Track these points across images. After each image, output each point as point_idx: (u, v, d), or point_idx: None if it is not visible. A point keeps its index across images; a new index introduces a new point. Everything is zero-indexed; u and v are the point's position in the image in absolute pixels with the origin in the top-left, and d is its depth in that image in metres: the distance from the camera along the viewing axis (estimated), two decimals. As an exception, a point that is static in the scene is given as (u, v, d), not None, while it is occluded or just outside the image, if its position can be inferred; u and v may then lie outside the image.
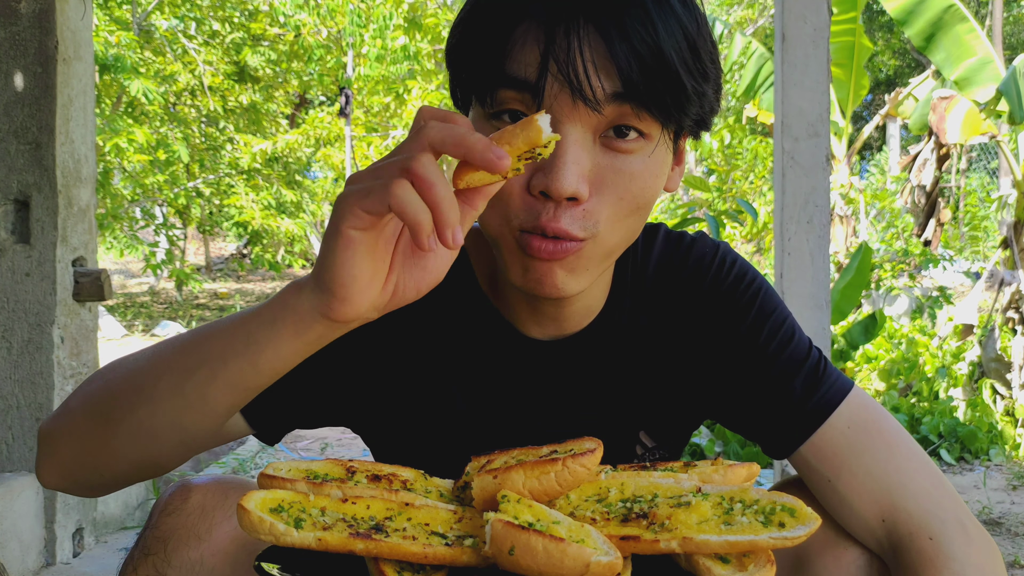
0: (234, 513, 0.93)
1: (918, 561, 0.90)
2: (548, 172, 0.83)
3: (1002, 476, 4.05)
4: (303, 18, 11.13)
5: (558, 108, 0.83)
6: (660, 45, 0.81)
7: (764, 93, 7.53)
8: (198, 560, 0.93)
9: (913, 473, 0.95)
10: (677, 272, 1.06)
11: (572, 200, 0.84)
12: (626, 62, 0.81)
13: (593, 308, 1.04)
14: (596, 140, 0.85)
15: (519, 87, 0.83)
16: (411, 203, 0.67)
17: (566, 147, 0.83)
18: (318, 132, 12.95)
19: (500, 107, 0.85)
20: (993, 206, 9.09)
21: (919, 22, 6.23)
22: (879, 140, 17.07)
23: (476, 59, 0.87)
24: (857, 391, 1.00)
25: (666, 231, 1.09)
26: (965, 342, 5.81)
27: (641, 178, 0.87)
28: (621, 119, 0.84)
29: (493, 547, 0.69)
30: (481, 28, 0.86)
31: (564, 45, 0.81)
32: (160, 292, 14.28)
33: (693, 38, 0.84)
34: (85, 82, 2.92)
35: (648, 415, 1.08)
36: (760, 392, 1.00)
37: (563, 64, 0.81)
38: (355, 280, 0.72)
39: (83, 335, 2.92)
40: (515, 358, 1.04)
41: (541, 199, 0.85)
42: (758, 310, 1.02)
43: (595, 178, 0.85)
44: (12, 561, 2.64)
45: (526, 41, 0.83)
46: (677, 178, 0.98)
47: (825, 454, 0.97)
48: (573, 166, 0.83)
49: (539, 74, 0.82)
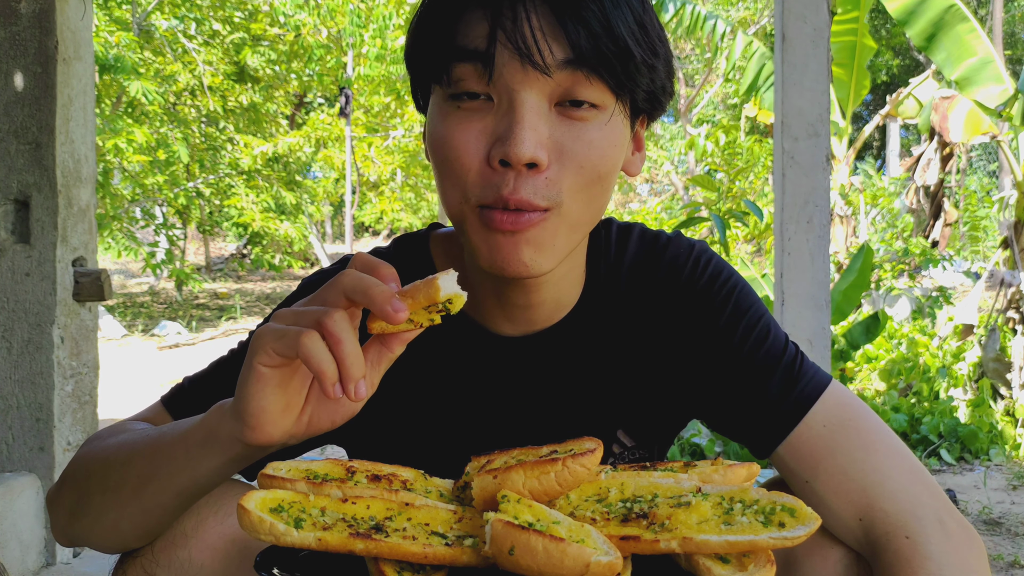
0: (221, 511, 0.95)
1: (895, 561, 0.89)
2: (505, 140, 0.84)
3: (1002, 476, 4.05)
4: (303, 18, 11.14)
5: (510, 76, 0.84)
6: (607, 16, 0.84)
7: (764, 93, 7.53)
8: (186, 558, 0.94)
9: (890, 471, 0.94)
10: (652, 271, 1.05)
11: (532, 168, 0.85)
12: (574, 30, 0.83)
13: (564, 303, 1.03)
14: (551, 108, 0.86)
15: (470, 57, 0.85)
16: (316, 354, 0.71)
17: (523, 113, 0.84)
18: (318, 133, 12.97)
19: (457, 87, 0.87)
20: (995, 208, 9.09)
21: (920, 22, 6.23)
22: (879, 140, 17.08)
23: (429, 40, 0.89)
24: (835, 387, 0.99)
25: (641, 230, 1.09)
26: (965, 342, 5.81)
27: (599, 147, 0.88)
28: (574, 86, 0.85)
29: (493, 547, 0.69)
30: (433, 13, 0.89)
31: (511, 15, 0.83)
32: (160, 292, 14.28)
33: (640, 15, 0.86)
34: (85, 82, 2.92)
35: (625, 414, 1.07)
36: (736, 391, 1.00)
37: (511, 32, 0.83)
38: (264, 411, 0.76)
39: (83, 335, 2.92)
40: (485, 356, 1.04)
41: (500, 171, 0.86)
42: (733, 308, 1.02)
43: (554, 146, 0.86)
44: (12, 561, 2.64)
45: (474, 17, 0.85)
46: (639, 164, 0.99)
47: (801, 454, 0.96)
48: (530, 131, 0.84)
49: (488, 43, 0.84)
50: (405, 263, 1.02)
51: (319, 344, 0.71)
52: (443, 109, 0.89)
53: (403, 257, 1.08)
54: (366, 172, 14.94)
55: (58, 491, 0.99)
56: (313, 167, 14.94)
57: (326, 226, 21.52)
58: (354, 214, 15.43)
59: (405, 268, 1.06)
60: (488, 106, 0.86)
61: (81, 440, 2.90)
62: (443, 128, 0.88)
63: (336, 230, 22.86)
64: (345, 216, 14.38)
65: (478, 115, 0.86)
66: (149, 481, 0.88)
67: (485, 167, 0.87)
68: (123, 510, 0.91)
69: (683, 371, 1.04)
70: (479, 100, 0.86)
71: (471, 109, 0.87)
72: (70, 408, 2.86)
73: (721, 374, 1.01)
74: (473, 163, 0.87)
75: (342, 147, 13.12)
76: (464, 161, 0.87)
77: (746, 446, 1.02)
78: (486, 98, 0.86)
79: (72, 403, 2.87)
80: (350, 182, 13.53)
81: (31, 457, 2.79)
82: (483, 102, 0.86)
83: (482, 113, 0.86)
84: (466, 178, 0.87)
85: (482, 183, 0.87)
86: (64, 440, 2.83)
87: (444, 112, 0.89)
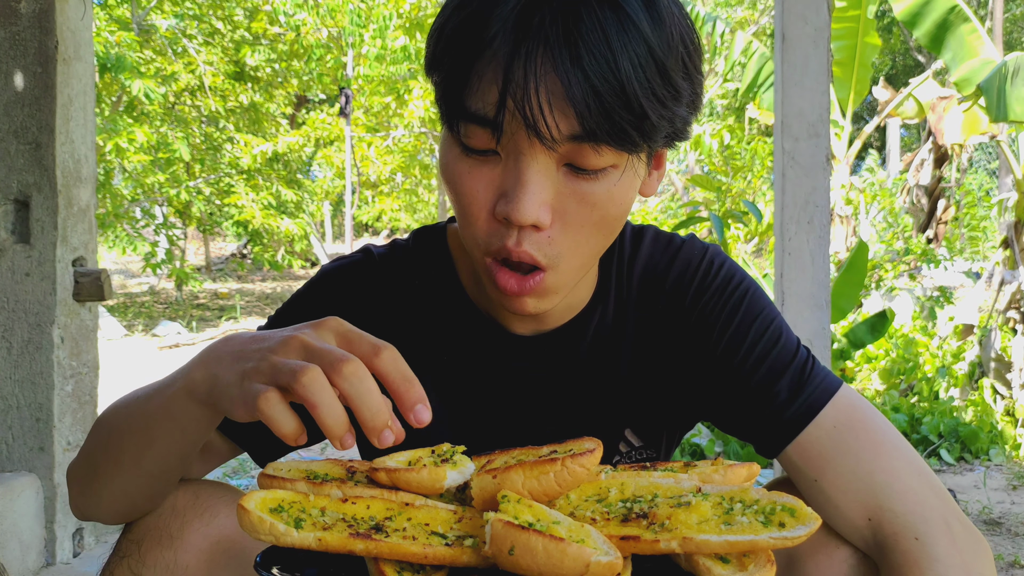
0: (207, 513, 0.96)
1: (903, 562, 0.90)
2: (509, 200, 0.84)
3: (1002, 476, 4.05)
4: (303, 18, 11.14)
5: (518, 141, 0.83)
6: (621, 80, 0.79)
7: (764, 93, 7.53)
8: (172, 559, 0.94)
9: (899, 473, 0.94)
10: (664, 274, 1.06)
11: (534, 227, 0.85)
12: (583, 103, 0.79)
13: (575, 306, 1.04)
14: (559, 168, 0.85)
15: (479, 122, 0.83)
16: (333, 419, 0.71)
17: (528, 177, 0.83)
18: (318, 132, 12.96)
19: (467, 140, 0.86)
20: (994, 210, 9.09)
21: (926, 24, 6.23)
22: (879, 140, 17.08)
23: (441, 91, 0.88)
24: (845, 391, 0.99)
25: (655, 233, 1.09)
26: (965, 342, 5.81)
27: (604, 205, 0.87)
28: (582, 153, 0.83)
29: (493, 547, 0.69)
30: (445, 58, 0.86)
31: (521, 83, 0.79)
32: (160, 292, 14.28)
33: (662, 59, 0.81)
34: (85, 82, 2.92)
35: (634, 413, 1.08)
36: (745, 394, 1.00)
37: (520, 103, 0.80)
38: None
39: (83, 335, 2.92)
40: (497, 352, 1.05)
41: (504, 223, 0.86)
42: (745, 311, 1.02)
43: (558, 205, 0.86)
44: (12, 561, 2.64)
45: (484, 75, 0.82)
46: (655, 183, 0.97)
47: (810, 454, 0.96)
48: (533, 196, 0.83)
49: (497, 111, 0.82)
50: (425, 257, 1.08)
51: (335, 410, 0.70)
52: (454, 150, 0.88)
53: (423, 252, 1.10)
54: (366, 172, 14.94)
55: (74, 465, 1.01)
56: (313, 167, 14.93)
57: (326, 226, 21.52)
58: (354, 214, 15.44)
59: (425, 262, 1.09)
60: (496, 159, 0.86)
61: (81, 440, 2.90)
62: (454, 172, 0.88)
63: (336, 230, 22.86)
64: (345, 216, 14.38)
65: (487, 167, 0.86)
66: (147, 448, 0.90)
67: (491, 218, 0.87)
68: (128, 476, 0.93)
69: (693, 373, 1.04)
70: (488, 155, 0.86)
71: (481, 160, 0.86)
72: (70, 408, 2.86)
73: (731, 377, 1.01)
74: (481, 213, 0.87)
75: (342, 147, 13.12)
76: (473, 210, 0.88)
77: (753, 446, 1.03)
78: (494, 152, 0.86)
79: (72, 403, 2.87)
80: (350, 182, 13.53)
81: (31, 457, 2.79)
82: (491, 155, 0.86)
83: (491, 165, 0.86)
84: (475, 224, 0.88)
85: (488, 231, 0.88)
86: (64, 440, 2.83)
87: (455, 154, 0.88)
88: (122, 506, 0.96)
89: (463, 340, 1.05)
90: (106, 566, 0.98)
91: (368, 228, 22.06)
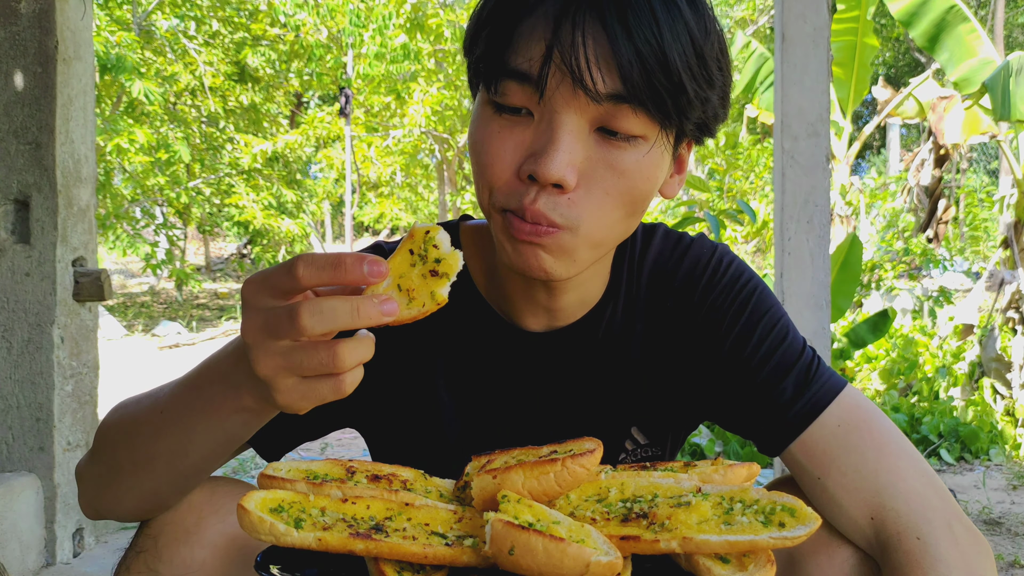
0: (222, 509, 0.96)
1: (905, 562, 0.90)
2: (538, 157, 0.85)
3: (1002, 476, 4.05)
4: (303, 18, 11.13)
5: (555, 100, 0.84)
6: (664, 48, 0.82)
7: (764, 93, 7.54)
8: (188, 555, 0.95)
9: (903, 473, 0.95)
10: (673, 272, 1.07)
11: (557, 187, 0.86)
12: (628, 62, 0.82)
13: (588, 302, 1.05)
14: (591, 132, 0.86)
15: (521, 79, 0.85)
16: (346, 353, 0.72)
17: (561, 135, 0.84)
18: (318, 132, 12.96)
19: (503, 99, 0.87)
20: (995, 208, 9.09)
21: (923, 23, 6.23)
22: (879, 140, 17.07)
23: (483, 50, 0.89)
24: (850, 391, 1.00)
25: (665, 231, 1.10)
26: (965, 342, 5.81)
27: (631, 176, 0.88)
28: (617, 116, 0.85)
29: (493, 547, 0.69)
30: (490, 20, 0.88)
31: (569, 39, 0.82)
32: (160, 292, 14.28)
33: (700, 44, 0.84)
34: (85, 82, 2.92)
35: (640, 411, 1.09)
36: (751, 391, 1.01)
37: (566, 55, 0.82)
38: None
39: (83, 335, 2.92)
40: (508, 350, 1.05)
41: (527, 182, 0.87)
42: (752, 310, 1.03)
43: (585, 169, 0.87)
44: (12, 561, 2.64)
45: (532, 35, 0.85)
46: (676, 186, 0.98)
47: (814, 453, 0.97)
48: (565, 154, 0.84)
49: (542, 64, 0.83)
50: None
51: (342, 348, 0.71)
52: (486, 111, 0.89)
53: None
54: (366, 172, 14.93)
55: (86, 465, 1.00)
56: (313, 166, 14.93)
57: (326, 226, 21.52)
58: (354, 214, 15.43)
59: None
60: (528, 120, 0.87)
61: (81, 440, 2.90)
62: (483, 133, 0.89)
63: (336, 230, 22.86)
64: (345, 216, 14.37)
65: (519, 128, 0.87)
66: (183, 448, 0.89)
67: (514, 178, 0.88)
68: (160, 478, 0.92)
69: (700, 369, 1.05)
70: (521, 114, 0.87)
71: (512, 121, 0.87)
72: (70, 408, 2.86)
73: (737, 373, 1.02)
74: (505, 173, 0.88)
75: (342, 146, 13.12)
76: (496, 170, 0.88)
77: (757, 445, 1.03)
78: (528, 112, 0.87)
79: (72, 403, 2.87)
80: (350, 182, 13.53)
81: (31, 457, 2.79)
82: (525, 116, 0.87)
83: (523, 126, 0.87)
84: (495, 184, 0.89)
85: (508, 190, 0.88)
86: (64, 440, 2.83)
87: (486, 116, 0.89)
88: (149, 504, 0.96)
89: (476, 336, 1.06)
90: (122, 561, 0.98)
91: (368, 228, 22.05)
